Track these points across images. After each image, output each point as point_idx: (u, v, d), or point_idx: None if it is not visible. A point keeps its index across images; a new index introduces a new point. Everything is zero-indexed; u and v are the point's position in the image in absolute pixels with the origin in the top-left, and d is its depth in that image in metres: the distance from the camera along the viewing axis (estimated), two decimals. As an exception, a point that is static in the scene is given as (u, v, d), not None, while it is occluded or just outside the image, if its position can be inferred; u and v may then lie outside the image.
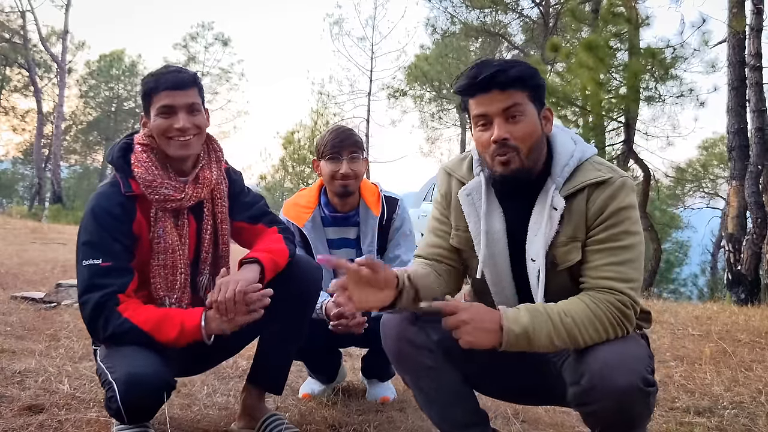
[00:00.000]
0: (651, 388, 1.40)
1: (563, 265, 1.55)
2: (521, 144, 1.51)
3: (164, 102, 1.79)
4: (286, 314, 1.93)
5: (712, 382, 2.89)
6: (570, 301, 1.48)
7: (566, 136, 1.62)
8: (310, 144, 24.53)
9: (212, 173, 1.90)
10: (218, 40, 31.26)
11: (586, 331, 1.44)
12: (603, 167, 1.56)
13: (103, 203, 1.77)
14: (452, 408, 1.70)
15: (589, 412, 1.46)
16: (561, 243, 1.54)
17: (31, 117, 29.61)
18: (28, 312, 3.97)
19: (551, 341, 1.43)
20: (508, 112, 1.51)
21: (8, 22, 25.46)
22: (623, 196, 1.51)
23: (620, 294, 1.46)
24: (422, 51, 24.14)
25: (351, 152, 2.35)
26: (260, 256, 1.83)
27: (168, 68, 1.86)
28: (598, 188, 1.52)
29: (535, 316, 1.44)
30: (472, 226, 1.65)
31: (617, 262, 1.49)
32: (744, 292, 7.93)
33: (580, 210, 1.53)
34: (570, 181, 1.55)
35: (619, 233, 1.50)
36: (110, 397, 1.62)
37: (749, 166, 8.24)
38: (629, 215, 1.51)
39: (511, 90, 1.50)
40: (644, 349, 1.49)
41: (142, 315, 1.71)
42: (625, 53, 9.36)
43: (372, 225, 2.41)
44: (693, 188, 25.60)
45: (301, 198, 2.49)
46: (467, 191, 1.66)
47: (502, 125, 1.51)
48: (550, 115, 1.59)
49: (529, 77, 1.53)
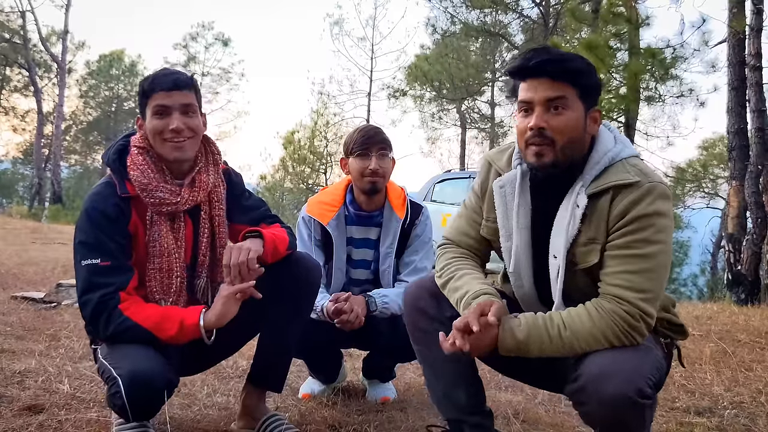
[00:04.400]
0: (646, 400, 1.37)
1: (581, 266, 1.54)
2: (557, 136, 1.49)
3: (159, 102, 1.78)
4: (285, 312, 1.94)
5: (712, 382, 2.89)
6: (576, 312, 1.47)
7: (609, 136, 1.58)
8: (310, 144, 24.52)
9: (209, 176, 1.89)
10: (218, 40, 31.24)
11: (586, 344, 1.44)
12: (634, 170, 1.50)
13: (98, 203, 1.76)
14: (456, 390, 1.72)
15: (584, 412, 1.47)
16: (581, 243, 1.53)
17: (31, 117, 29.63)
18: (28, 312, 3.97)
19: (543, 353, 1.46)
20: (552, 102, 1.49)
21: (8, 22, 25.47)
22: (648, 202, 1.45)
23: (628, 305, 1.43)
24: (422, 51, 24.16)
25: (380, 149, 2.35)
26: (264, 232, 1.86)
27: (165, 70, 1.85)
28: (624, 191, 1.48)
29: (533, 329, 1.45)
30: (500, 218, 1.66)
31: (632, 271, 1.45)
32: (744, 292, 7.92)
33: (603, 211, 1.50)
34: (597, 180, 1.52)
35: (639, 240, 1.45)
36: (114, 393, 1.61)
37: (749, 166, 8.23)
38: (653, 222, 1.45)
39: (560, 82, 1.48)
40: (651, 361, 1.45)
41: (142, 313, 1.71)
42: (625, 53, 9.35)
43: (395, 227, 2.40)
44: (693, 188, 25.59)
45: (326, 195, 2.48)
46: (501, 183, 1.66)
47: (541, 114, 1.49)
48: (598, 117, 1.57)
49: (583, 74, 1.51)
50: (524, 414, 2.34)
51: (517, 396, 2.65)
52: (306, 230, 2.41)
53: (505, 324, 1.46)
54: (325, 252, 2.42)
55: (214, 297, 1.91)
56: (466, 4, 19.30)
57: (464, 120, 26.99)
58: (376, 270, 2.45)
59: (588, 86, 1.52)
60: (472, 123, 27.40)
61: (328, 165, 24.28)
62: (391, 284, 2.44)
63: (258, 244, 1.82)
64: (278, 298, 1.90)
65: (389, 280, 2.43)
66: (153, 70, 1.96)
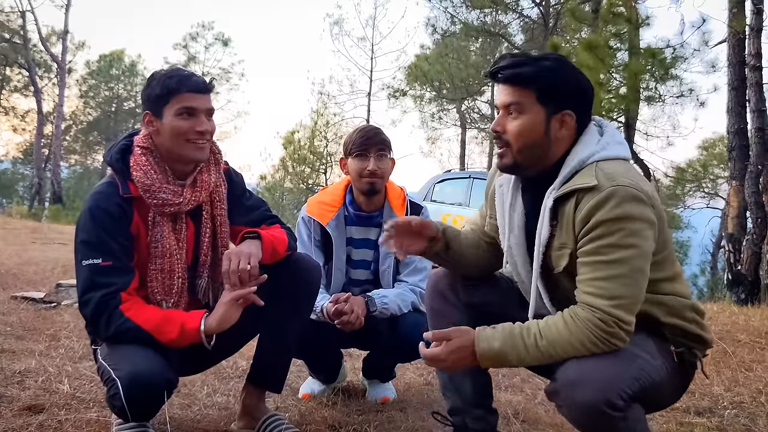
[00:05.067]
0: (615, 412, 1.34)
1: (556, 270, 1.54)
2: (512, 140, 1.53)
3: (187, 104, 1.77)
4: (285, 312, 1.94)
5: (712, 382, 2.89)
6: (552, 321, 1.46)
7: (593, 139, 1.54)
8: (310, 144, 24.51)
9: (211, 176, 1.89)
10: (218, 40, 31.23)
11: (564, 352, 1.43)
12: (601, 173, 1.45)
13: (100, 203, 1.76)
14: (464, 381, 1.75)
15: (562, 414, 1.47)
16: (555, 247, 1.53)
17: (31, 117, 29.61)
18: (28, 312, 3.97)
19: (523, 363, 1.47)
20: (509, 108, 1.53)
21: (8, 22, 25.46)
22: (612, 206, 1.40)
23: (600, 312, 1.40)
24: (422, 51, 24.18)
25: (378, 150, 2.35)
26: (262, 234, 1.87)
27: (181, 71, 1.83)
28: (587, 195, 1.44)
29: (509, 339, 1.46)
30: (499, 216, 1.71)
31: (602, 277, 1.42)
32: (744, 292, 7.92)
33: (570, 216, 1.48)
34: (565, 183, 1.50)
35: (606, 246, 1.41)
36: (114, 394, 1.62)
37: (749, 166, 8.23)
38: (620, 227, 1.40)
39: (516, 87, 1.51)
40: (632, 371, 1.40)
41: (143, 314, 1.71)
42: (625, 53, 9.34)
43: None
44: (693, 188, 25.57)
45: (326, 195, 2.48)
46: (500, 182, 1.70)
47: (500, 118, 1.55)
48: (568, 121, 1.53)
49: (540, 79, 1.50)
50: (524, 414, 2.34)
51: (517, 396, 2.65)
52: (306, 230, 2.41)
53: (481, 335, 1.47)
54: (325, 252, 2.42)
55: (215, 297, 1.91)
56: (466, 4, 19.31)
57: (464, 120, 27.00)
58: (376, 270, 2.45)
59: (547, 90, 1.50)
60: (472, 123, 27.42)
61: (328, 165, 24.27)
62: (391, 284, 2.43)
63: (257, 247, 1.82)
64: (278, 298, 1.90)
65: (389, 281, 2.43)
66: (155, 69, 1.95)
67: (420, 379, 2.88)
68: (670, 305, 1.54)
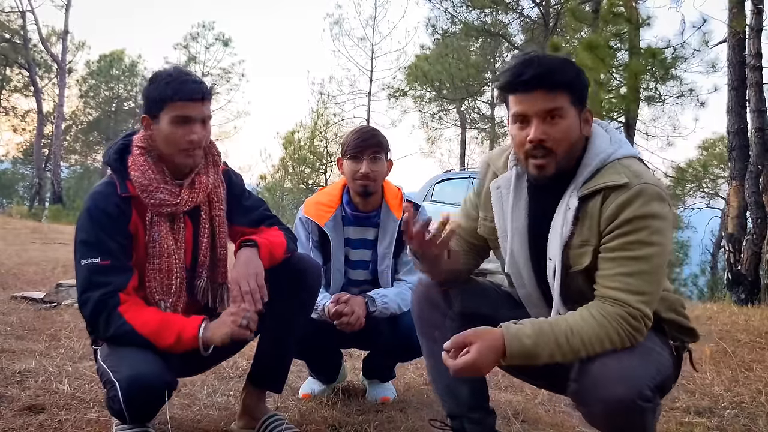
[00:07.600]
0: (647, 403, 1.36)
1: (575, 268, 1.53)
2: (557, 146, 1.49)
3: (181, 112, 1.76)
4: (285, 312, 1.94)
5: (712, 382, 2.89)
6: (579, 316, 1.46)
7: (605, 137, 1.57)
8: (310, 144, 24.53)
9: (209, 177, 1.89)
10: (219, 40, 31.20)
11: (592, 348, 1.42)
12: (626, 171, 1.48)
13: (99, 202, 1.76)
14: (460, 385, 1.72)
15: (586, 414, 1.46)
16: (575, 245, 1.52)
17: (31, 117, 29.63)
18: (28, 312, 3.97)
19: (553, 359, 1.44)
20: (549, 113, 1.48)
21: (8, 22, 25.47)
22: (641, 203, 1.43)
23: (629, 307, 1.42)
24: (422, 51, 24.14)
25: (373, 152, 2.33)
26: (258, 240, 1.85)
27: (181, 74, 1.80)
28: (614, 193, 1.46)
29: (540, 336, 1.43)
30: (498, 220, 1.67)
31: (628, 273, 1.44)
32: (744, 292, 7.92)
33: (594, 213, 1.49)
34: (589, 182, 1.51)
35: (632, 242, 1.44)
36: (113, 396, 1.62)
37: (749, 166, 8.23)
38: (647, 224, 1.43)
39: (555, 92, 1.48)
40: (652, 363, 1.44)
41: (141, 317, 1.71)
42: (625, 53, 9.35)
43: (392, 227, 2.40)
44: (693, 188, 25.55)
45: (323, 196, 2.47)
46: (497, 184, 1.67)
47: (539, 126, 1.48)
48: (590, 117, 1.56)
49: (575, 81, 1.50)
50: (524, 414, 2.34)
51: (517, 396, 2.65)
52: (304, 231, 2.41)
53: (509, 331, 1.44)
54: (323, 253, 2.41)
55: (214, 297, 1.92)
56: (466, 4, 19.30)
57: (464, 120, 27.00)
58: (374, 270, 2.44)
59: (579, 90, 1.52)
60: (472, 123, 27.42)
61: (328, 165, 24.29)
62: (390, 284, 2.43)
63: (256, 258, 1.81)
64: (279, 298, 1.90)
65: (388, 280, 2.43)
66: (155, 69, 1.94)
67: (420, 379, 2.88)
68: (669, 300, 1.58)
